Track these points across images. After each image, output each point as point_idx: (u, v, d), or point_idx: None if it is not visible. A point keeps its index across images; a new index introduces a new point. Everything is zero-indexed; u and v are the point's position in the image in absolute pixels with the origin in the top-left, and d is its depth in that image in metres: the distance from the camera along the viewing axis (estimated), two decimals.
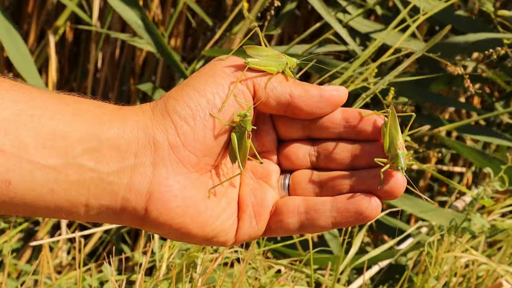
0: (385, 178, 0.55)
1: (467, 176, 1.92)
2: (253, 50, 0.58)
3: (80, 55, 1.86)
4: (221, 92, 0.55)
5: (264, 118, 0.59)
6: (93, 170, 0.53)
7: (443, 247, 1.19)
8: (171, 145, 0.54)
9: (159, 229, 0.56)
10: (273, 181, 0.59)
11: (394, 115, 0.56)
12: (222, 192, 0.57)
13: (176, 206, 0.54)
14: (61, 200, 0.53)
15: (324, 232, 1.41)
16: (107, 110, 0.55)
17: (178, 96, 0.55)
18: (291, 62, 0.58)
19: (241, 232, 0.57)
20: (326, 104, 0.57)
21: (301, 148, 0.58)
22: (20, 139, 0.51)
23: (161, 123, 0.55)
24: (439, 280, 1.19)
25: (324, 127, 0.57)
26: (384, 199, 0.55)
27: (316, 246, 1.30)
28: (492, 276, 1.26)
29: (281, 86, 0.57)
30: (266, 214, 0.57)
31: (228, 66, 0.56)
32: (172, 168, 0.54)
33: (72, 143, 0.52)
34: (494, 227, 1.35)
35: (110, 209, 0.54)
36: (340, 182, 0.56)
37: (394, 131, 0.56)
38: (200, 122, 0.55)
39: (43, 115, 0.52)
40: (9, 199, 0.52)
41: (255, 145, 0.58)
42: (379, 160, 0.55)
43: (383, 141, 0.56)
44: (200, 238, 0.56)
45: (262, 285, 1.12)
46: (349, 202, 0.55)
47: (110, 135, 0.54)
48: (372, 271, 1.31)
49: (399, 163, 0.55)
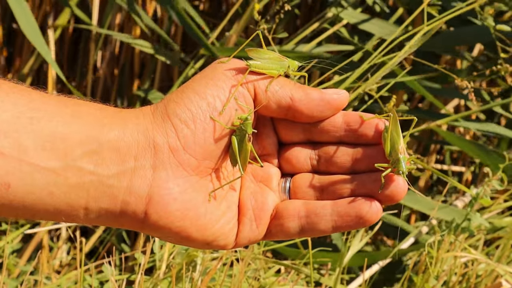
0: (386, 182, 0.55)
1: (466, 175, 1.92)
2: (255, 52, 0.58)
3: (79, 54, 1.86)
4: (222, 95, 0.55)
5: (264, 121, 0.59)
6: (92, 173, 0.53)
7: (443, 246, 1.19)
8: (171, 148, 0.54)
9: (158, 232, 0.55)
10: (273, 184, 0.58)
11: (395, 119, 0.56)
12: (222, 195, 0.57)
13: (176, 209, 0.54)
14: (60, 203, 0.53)
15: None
16: (107, 112, 0.55)
17: (178, 99, 0.55)
18: (293, 65, 0.58)
19: (241, 236, 0.57)
20: (327, 107, 0.56)
21: (302, 151, 0.58)
22: (20, 141, 0.51)
23: (162, 126, 0.54)
24: (438, 280, 1.19)
25: (325, 130, 0.57)
26: (384, 203, 0.55)
27: (316, 245, 1.30)
28: (491, 275, 1.26)
29: (282, 89, 0.56)
30: (267, 217, 0.57)
31: (229, 69, 0.56)
32: (172, 171, 0.54)
33: (71, 145, 0.52)
34: (492, 224, 1.35)
35: (109, 212, 0.54)
36: (340, 186, 0.56)
37: (396, 135, 0.56)
38: (201, 125, 0.55)
39: (42, 117, 0.52)
40: (9, 202, 0.52)
41: (256, 149, 0.58)
42: (380, 165, 0.55)
43: (384, 146, 0.55)
44: (200, 241, 0.56)
45: (262, 285, 1.12)
46: (350, 206, 0.55)
47: (110, 137, 0.53)
48: (372, 270, 1.31)
49: (400, 168, 0.55)
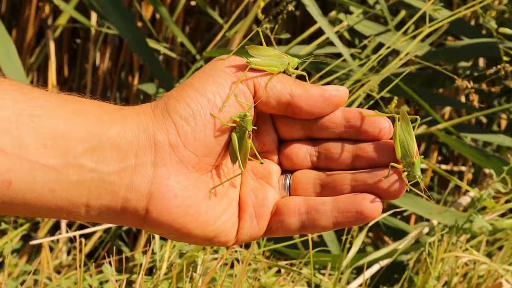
0: (386, 178, 0.55)
1: (467, 176, 1.92)
2: (255, 50, 0.58)
3: (79, 54, 1.86)
4: (222, 92, 0.55)
5: (264, 118, 0.59)
6: (93, 170, 0.53)
7: (443, 247, 1.19)
8: (172, 145, 0.54)
9: (159, 229, 0.56)
10: (274, 181, 0.58)
11: (407, 120, 0.56)
12: (223, 192, 0.57)
13: (176, 206, 0.54)
14: (61, 200, 0.53)
15: (323, 233, 1.41)
16: (107, 110, 0.55)
17: (178, 96, 0.55)
18: (293, 62, 0.58)
19: (242, 232, 0.57)
20: (326, 103, 0.56)
21: (302, 148, 0.58)
22: (21, 139, 0.51)
23: (162, 123, 0.55)
24: (439, 280, 1.19)
25: (325, 127, 0.57)
26: (385, 199, 0.55)
27: (316, 246, 1.30)
28: (492, 275, 1.26)
29: (281, 85, 0.57)
30: (267, 214, 0.57)
31: (229, 66, 0.56)
32: (173, 168, 0.54)
33: (72, 143, 0.52)
34: (494, 225, 1.35)
35: (110, 209, 0.54)
36: (341, 182, 0.56)
37: (409, 137, 0.55)
38: (201, 122, 0.55)
39: (43, 115, 0.52)
40: (10, 199, 0.52)
41: (256, 145, 0.58)
42: (394, 165, 0.54)
43: (395, 147, 0.55)
44: (201, 238, 0.56)
45: (262, 285, 1.12)
46: (350, 202, 0.55)
47: (110, 135, 0.54)
48: (372, 271, 1.31)
49: (416, 172, 0.54)
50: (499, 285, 1.23)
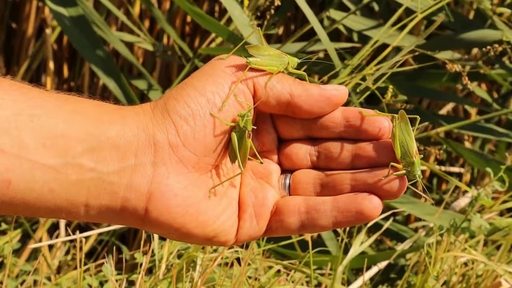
0: (386, 178, 0.55)
1: (465, 176, 1.92)
2: (254, 49, 0.58)
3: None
4: (221, 92, 0.55)
5: (264, 117, 0.59)
6: (93, 170, 0.53)
7: (442, 247, 1.19)
8: (172, 145, 0.54)
9: (159, 229, 0.56)
10: (273, 180, 0.58)
11: (406, 120, 0.56)
12: (223, 192, 0.57)
13: (176, 205, 0.54)
14: (61, 200, 0.53)
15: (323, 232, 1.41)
16: (107, 109, 0.55)
17: (178, 96, 0.55)
18: (292, 61, 0.58)
19: (241, 232, 0.57)
20: (326, 103, 0.56)
21: (302, 147, 0.58)
22: (20, 138, 0.51)
23: (162, 123, 0.55)
24: (438, 280, 1.19)
25: (325, 126, 0.57)
26: (385, 198, 0.55)
27: (316, 246, 1.30)
28: (491, 275, 1.27)
29: (281, 85, 0.57)
30: (267, 214, 0.57)
31: (228, 66, 0.56)
32: (172, 168, 0.54)
33: (72, 142, 0.52)
34: (493, 225, 1.36)
35: (110, 209, 0.54)
36: (340, 182, 0.56)
37: (408, 137, 0.55)
38: (200, 122, 0.55)
39: (42, 114, 0.52)
40: (9, 199, 0.52)
41: (255, 145, 0.58)
42: (394, 164, 0.54)
43: (394, 147, 0.55)
44: (201, 238, 0.56)
45: (262, 285, 1.12)
46: (350, 202, 0.55)
47: (110, 135, 0.54)
48: (371, 271, 1.31)
49: (415, 171, 0.54)
50: (498, 284, 1.23)
